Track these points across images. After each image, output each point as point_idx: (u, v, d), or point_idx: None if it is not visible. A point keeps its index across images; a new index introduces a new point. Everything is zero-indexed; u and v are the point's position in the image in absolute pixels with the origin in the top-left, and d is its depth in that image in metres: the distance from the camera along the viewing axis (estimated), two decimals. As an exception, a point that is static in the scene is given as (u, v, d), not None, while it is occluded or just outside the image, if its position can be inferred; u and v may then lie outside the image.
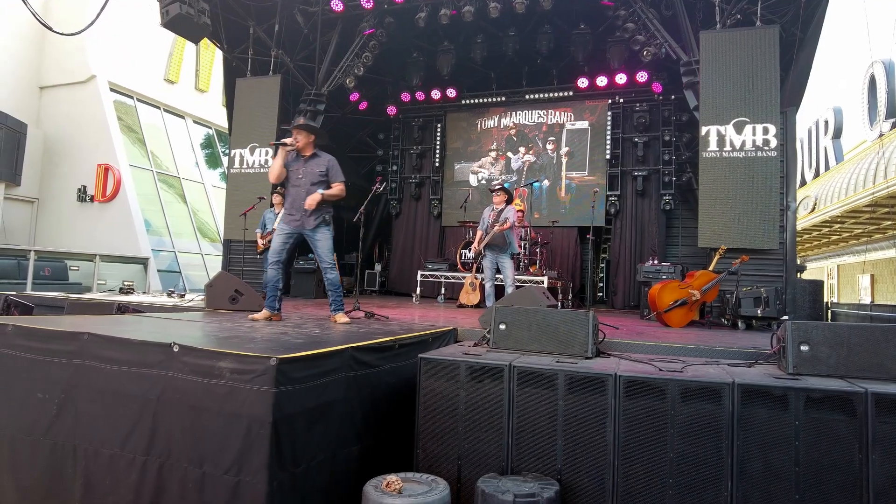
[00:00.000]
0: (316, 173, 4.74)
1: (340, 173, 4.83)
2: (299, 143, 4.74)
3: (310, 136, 4.78)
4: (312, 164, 4.78)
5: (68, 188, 13.51)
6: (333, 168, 4.81)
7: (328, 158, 4.84)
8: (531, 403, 3.17)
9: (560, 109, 10.81)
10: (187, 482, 2.65)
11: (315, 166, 4.77)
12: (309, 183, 4.73)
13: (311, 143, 4.79)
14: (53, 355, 3.09)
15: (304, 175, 4.76)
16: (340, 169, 4.86)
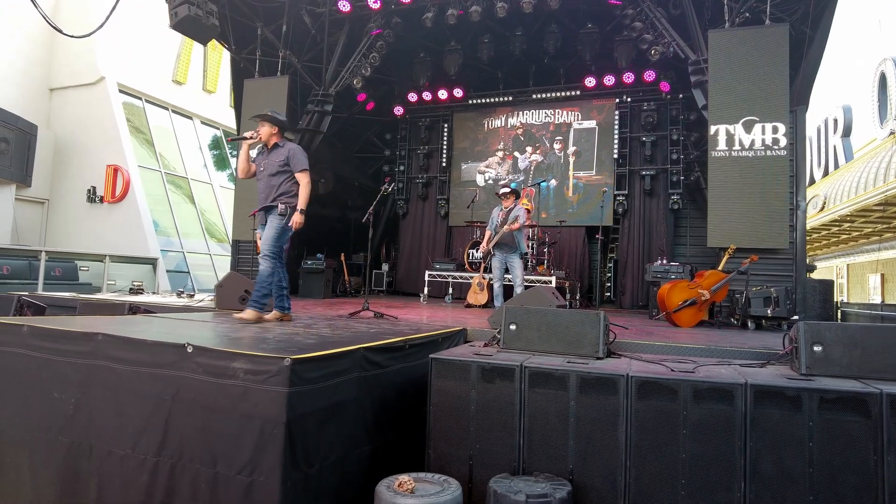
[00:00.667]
0: (275, 164, 4.56)
1: (302, 161, 4.58)
2: (261, 135, 4.60)
3: (273, 127, 4.61)
4: (273, 154, 4.62)
5: (78, 189, 13.61)
6: (294, 157, 4.58)
7: (290, 147, 4.64)
8: (542, 404, 3.17)
9: (567, 109, 10.79)
10: (199, 482, 2.67)
11: (275, 156, 4.60)
12: (268, 174, 4.58)
13: (274, 133, 4.63)
14: (68, 355, 3.12)
15: (265, 167, 4.63)
16: (305, 156, 4.63)
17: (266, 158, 4.63)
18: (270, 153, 4.63)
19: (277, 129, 4.64)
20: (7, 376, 3.31)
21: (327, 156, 10.38)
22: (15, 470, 3.19)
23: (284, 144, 4.65)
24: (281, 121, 4.66)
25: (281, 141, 4.67)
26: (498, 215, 6.84)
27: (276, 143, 4.64)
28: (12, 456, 3.21)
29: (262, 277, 4.50)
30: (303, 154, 4.62)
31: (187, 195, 15.27)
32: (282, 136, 4.70)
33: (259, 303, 4.46)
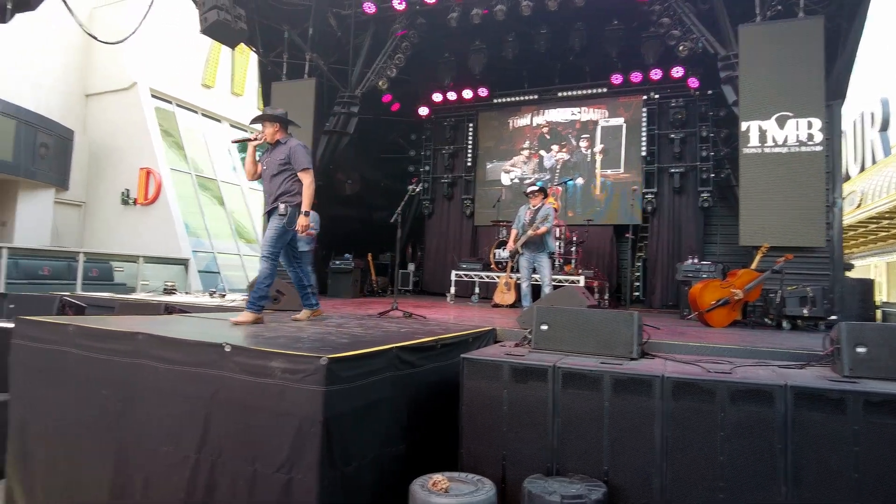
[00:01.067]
0: (276, 162, 4.44)
1: (305, 159, 4.43)
2: (266, 135, 4.49)
3: (273, 124, 4.49)
4: (275, 152, 4.49)
5: (112, 192, 13.99)
6: (295, 154, 4.42)
7: (291, 144, 4.48)
8: (576, 404, 3.15)
9: (594, 106, 10.69)
10: (238, 480, 2.72)
11: (276, 155, 4.47)
12: (270, 174, 4.47)
13: (277, 131, 4.50)
14: (112, 354, 3.21)
15: (267, 166, 4.51)
16: (307, 153, 4.49)
17: (269, 156, 4.52)
18: (273, 151, 4.52)
19: (279, 125, 4.52)
20: (57, 374, 3.42)
21: (353, 157, 10.46)
22: (67, 462, 3.30)
23: (287, 141, 4.51)
24: (279, 117, 4.53)
25: (283, 137, 4.53)
26: (525, 214, 6.81)
27: (279, 139, 4.51)
28: (65, 449, 3.32)
29: (260, 279, 4.39)
30: (304, 151, 4.47)
31: (217, 197, 15.56)
32: (285, 131, 4.57)
33: (256, 304, 4.33)
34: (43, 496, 3.37)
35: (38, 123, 12.34)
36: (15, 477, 3.51)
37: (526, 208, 6.88)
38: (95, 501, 3.12)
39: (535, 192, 6.84)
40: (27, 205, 12.77)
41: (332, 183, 10.05)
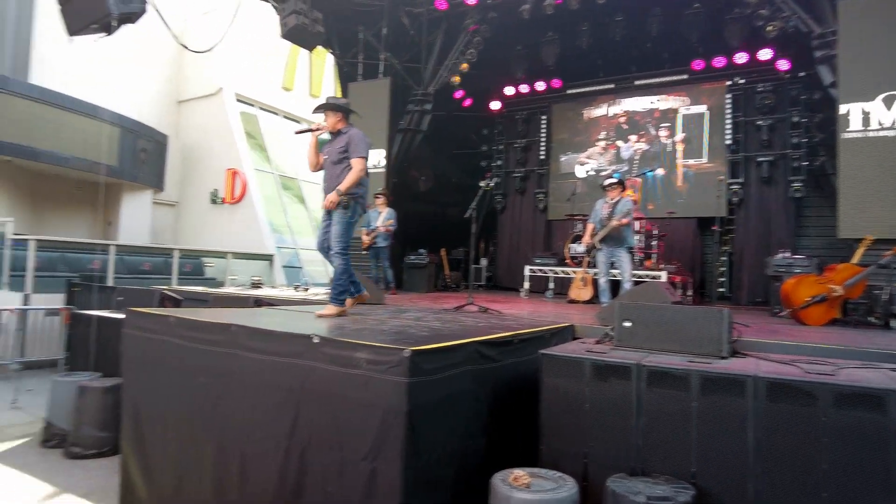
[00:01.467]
0: (336, 151, 4.43)
1: (362, 147, 4.38)
2: (327, 124, 4.48)
3: (336, 114, 4.47)
4: (336, 141, 4.47)
5: (202, 192, 14.92)
6: (353, 142, 4.39)
7: (350, 133, 4.46)
8: (661, 404, 3.06)
9: (674, 94, 10.25)
10: (328, 466, 2.84)
11: (337, 143, 4.46)
12: (331, 162, 4.46)
13: (339, 120, 4.48)
14: (208, 344, 3.44)
15: (328, 155, 4.51)
16: (364, 142, 4.43)
17: (330, 146, 4.51)
18: (333, 141, 4.51)
19: (340, 115, 4.49)
20: (161, 361, 3.71)
21: (426, 154, 10.58)
22: (176, 442, 3.57)
23: (347, 130, 4.49)
24: (342, 106, 4.52)
25: (345, 127, 4.51)
26: (602, 208, 6.64)
27: (340, 129, 4.49)
28: (174, 431, 3.59)
29: (338, 274, 4.43)
30: (363, 140, 4.43)
31: (297, 195, 16.25)
32: (346, 121, 4.54)
33: (338, 299, 4.42)
34: (157, 473, 3.66)
35: (138, 130, 13.33)
36: (131, 454, 3.83)
37: (603, 202, 6.71)
38: (200, 481, 3.36)
39: (612, 184, 6.65)
40: (130, 205, 13.86)
41: (406, 180, 10.23)
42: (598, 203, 6.81)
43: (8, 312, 8.43)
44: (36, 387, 7.41)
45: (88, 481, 4.70)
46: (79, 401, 5.36)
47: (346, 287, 4.50)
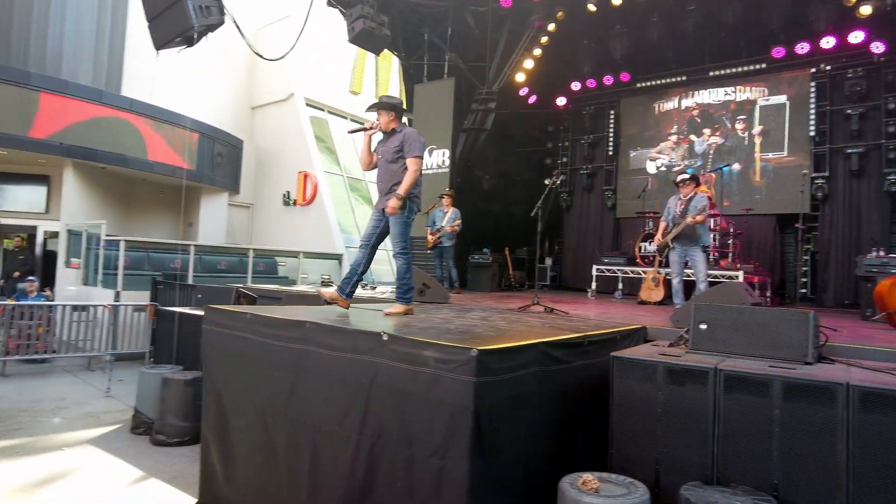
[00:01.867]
0: (391, 150, 4.39)
1: (416, 147, 4.32)
2: (380, 123, 4.45)
3: (389, 113, 4.44)
4: (390, 140, 4.44)
5: (275, 194, 15.56)
6: (408, 141, 4.33)
7: (405, 132, 4.41)
8: (740, 410, 2.91)
9: (751, 84, 9.73)
10: (397, 461, 2.88)
11: (391, 143, 4.42)
12: (386, 162, 4.43)
13: (392, 119, 4.45)
14: (283, 340, 3.57)
15: (382, 155, 4.48)
16: (419, 142, 4.37)
17: (384, 145, 4.50)
18: (387, 140, 4.48)
19: (394, 114, 4.47)
20: (239, 356, 3.89)
21: (491, 153, 10.56)
22: (247, 435, 3.75)
23: (402, 129, 4.46)
24: (395, 105, 4.49)
25: (399, 126, 4.49)
26: (675, 205, 6.39)
27: (394, 128, 4.46)
28: (245, 422, 3.77)
29: (401, 273, 4.46)
30: (418, 139, 4.39)
31: (365, 197, 16.63)
32: (399, 120, 4.52)
33: (404, 297, 4.47)
34: (235, 462, 3.85)
35: (215, 135, 14.06)
36: (211, 443, 4.04)
37: (676, 198, 6.46)
38: (275, 470, 3.51)
39: (686, 180, 6.39)
40: (208, 207, 14.65)
41: (470, 179, 10.24)
42: (670, 200, 6.57)
43: (102, 308, 9.11)
44: (126, 377, 7.97)
45: (172, 467, 5.01)
46: (163, 392, 5.71)
47: (412, 285, 4.53)
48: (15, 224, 12.89)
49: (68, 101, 11.13)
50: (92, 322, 9.08)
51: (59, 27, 12.97)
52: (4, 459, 4.99)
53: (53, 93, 10.97)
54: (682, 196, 6.37)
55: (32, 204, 12.95)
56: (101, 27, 13.67)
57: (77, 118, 11.25)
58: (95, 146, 11.50)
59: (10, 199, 12.98)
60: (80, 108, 11.31)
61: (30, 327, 8.61)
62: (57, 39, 12.93)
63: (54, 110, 10.94)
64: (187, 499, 4.33)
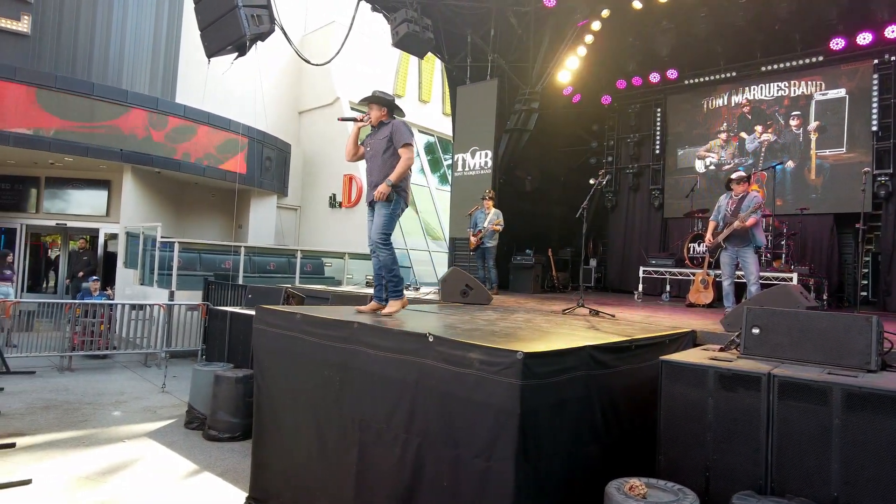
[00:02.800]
0: (380, 141, 4.32)
1: (406, 135, 4.25)
2: (371, 118, 4.40)
3: (381, 108, 4.38)
4: (378, 133, 4.38)
5: (322, 196, 15.89)
6: (397, 131, 4.27)
7: (393, 123, 4.34)
8: (796, 419, 2.81)
9: (806, 79, 9.34)
10: (443, 461, 2.91)
11: (380, 135, 4.36)
12: (375, 154, 4.37)
13: (384, 115, 4.40)
14: (331, 340, 3.66)
15: (371, 147, 4.41)
16: (408, 130, 4.30)
17: (372, 138, 4.45)
18: (377, 132, 4.43)
19: (386, 109, 4.41)
20: (289, 354, 4.01)
21: (533, 153, 10.50)
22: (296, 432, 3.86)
23: (390, 122, 4.39)
24: (388, 100, 4.44)
25: (387, 119, 4.42)
26: (727, 204, 6.20)
27: (383, 121, 4.42)
28: (295, 419, 3.88)
29: (388, 267, 4.33)
30: (406, 128, 4.32)
31: (408, 198, 16.79)
32: (390, 115, 4.45)
33: (395, 291, 4.35)
34: (285, 458, 3.96)
35: (264, 140, 14.47)
36: (264, 439, 4.17)
37: (727, 197, 6.26)
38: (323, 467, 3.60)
39: (739, 178, 6.20)
40: (257, 210, 15.09)
41: (512, 180, 10.22)
42: (721, 199, 6.38)
43: (157, 307, 9.51)
44: (179, 374, 8.31)
45: (223, 462, 5.19)
46: (214, 388, 5.92)
47: (401, 276, 4.41)
48: (79, 227, 13.63)
49: (127, 108, 11.67)
50: (148, 320, 9.51)
51: (120, 38, 13.63)
52: (73, 449, 5.29)
53: (114, 102, 11.53)
54: (734, 195, 6.18)
55: (94, 207, 13.66)
56: (158, 37, 14.29)
57: (135, 125, 11.79)
58: (151, 152, 12.02)
59: (75, 203, 13.73)
60: (138, 115, 11.85)
61: (93, 325, 9.09)
62: (118, 50, 13.60)
63: (115, 118, 11.50)
64: (238, 493, 4.48)
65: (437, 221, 16.96)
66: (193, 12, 8.02)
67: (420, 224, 16.41)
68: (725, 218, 6.12)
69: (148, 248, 11.42)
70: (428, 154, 18.24)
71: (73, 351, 8.78)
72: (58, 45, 12.72)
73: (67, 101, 11.08)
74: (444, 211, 15.75)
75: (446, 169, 17.69)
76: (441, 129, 18.10)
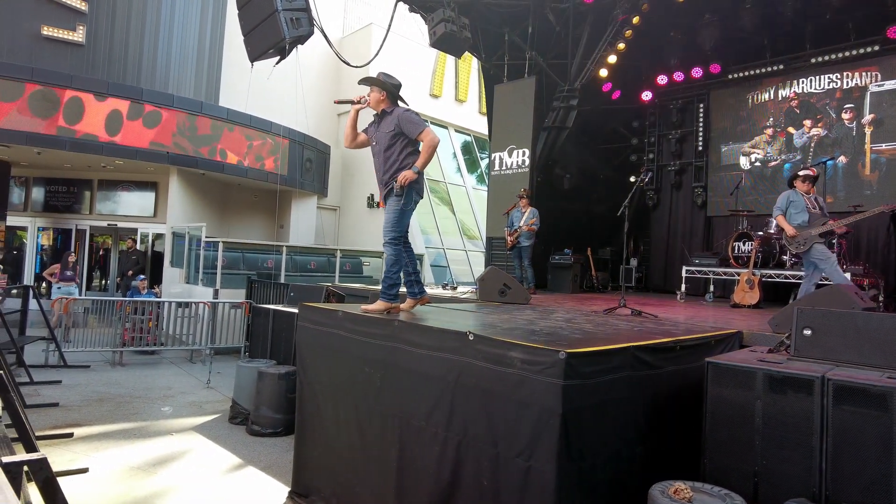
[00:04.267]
0: (385, 134, 4.02)
1: (416, 123, 3.95)
2: (370, 101, 4.08)
3: (381, 92, 4.07)
4: (383, 124, 4.06)
5: (360, 197, 16.09)
6: (404, 121, 3.96)
7: (398, 112, 4.02)
8: (853, 425, 2.69)
9: (860, 69, 8.93)
10: (483, 460, 2.91)
11: (385, 126, 4.04)
12: (382, 149, 4.05)
13: (383, 100, 4.08)
14: (372, 337, 3.70)
15: (377, 142, 4.11)
16: (416, 116, 4.02)
17: (377, 131, 4.13)
18: (380, 123, 4.11)
19: (385, 94, 4.08)
20: (331, 351, 4.08)
21: (572, 151, 10.37)
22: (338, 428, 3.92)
23: (393, 111, 4.07)
24: (390, 84, 4.09)
25: (389, 107, 4.10)
26: (805, 202, 6.01)
27: (384, 109, 4.10)
28: (337, 415, 3.95)
29: (388, 266, 4.10)
30: (414, 115, 4.03)
31: (444, 199, 16.86)
32: (391, 103, 4.13)
33: (388, 293, 4.07)
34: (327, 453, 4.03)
35: (304, 141, 14.74)
36: (306, 434, 4.25)
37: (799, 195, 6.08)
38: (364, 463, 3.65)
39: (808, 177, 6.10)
40: (298, 210, 15.38)
41: (550, 178, 10.12)
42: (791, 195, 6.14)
43: (202, 305, 9.80)
44: (224, 370, 8.54)
45: (267, 457, 5.31)
46: (258, 385, 6.06)
47: (397, 280, 4.13)
48: (128, 227, 14.17)
49: (173, 112, 12.06)
50: (194, 318, 9.80)
51: (167, 45, 14.11)
52: (125, 440, 5.50)
53: (161, 106, 11.93)
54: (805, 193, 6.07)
55: (143, 209, 14.18)
56: (202, 42, 14.74)
57: (181, 128, 12.17)
58: (196, 154, 12.40)
59: (125, 204, 14.28)
60: (184, 119, 12.23)
61: (141, 321, 9.43)
62: (164, 55, 14.09)
63: (161, 122, 11.90)
64: (281, 487, 4.58)
65: (473, 221, 16.95)
66: (236, 18, 8.24)
67: (457, 224, 16.44)
68: (813, 217, 5.92)
69: (193, 248, 11.78)
70: (465, 154, 18.24)
71: (123, 347, 9.13)
72: (109, 53, 13.26)
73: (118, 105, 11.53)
74: (480, 211, 15.75)
75: (483, 169, 17.67)
76: (478, 129, 18.09)
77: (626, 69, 10.09)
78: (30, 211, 14.11)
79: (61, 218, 14.19)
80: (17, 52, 11.98)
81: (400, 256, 4.08)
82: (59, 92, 10.94)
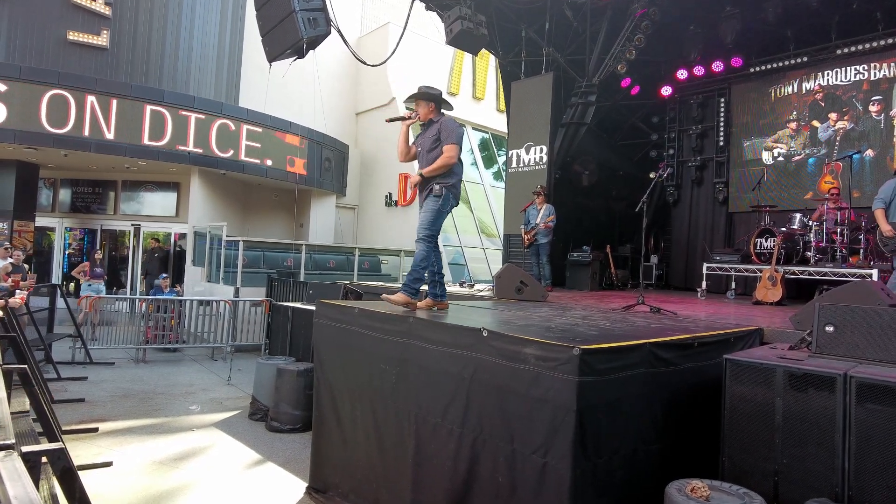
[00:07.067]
0: (429, 140, 4.26)
1: (452, 134, 4.17)
2: (420, 115, 4.34)
3: (429, 104, 4.31)
4: (428, 131, 4.32)
5: (378, 196, 16.17)
6: (445, 129, 4.20)
7: (442, 120, 4.27)
8: (877, 423, 2.63)
9: (888, 60, 8.70)
10: (498, 456, 2.91)
11: (430, 132, 4.29)
12: (425, 152, 4.30)
13: (431, 110, 4.32)
14: (388, 334, 3.72)
15: (421, 146, 4.36)
16: (456, 130, 4.21)
17: (423, 136, 4.39)
18: (426, 130, 4.37)
19: (433, 105, 4.34)
20: (348, 347, 4.11)
21: (591, 147, 10.29)
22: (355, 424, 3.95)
23: (439, 119, 4.32)
24: (434, 95, 4.33)
25: (436, 116, 4.35)
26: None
27: (432, 118, 4.34)
28: (354, 411, 3.98)
29: (416, 262, 4.22)
30: (455, 127, 4.25)
31: (462, 197, 16.82)
32: (438, 111, 4.37)
33: (410, 287, 4.21)
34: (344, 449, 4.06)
35: (323, 141, 14.85)
36: (324, 430, 4.29)
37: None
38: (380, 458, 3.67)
39: None
40: (317, 209, 15.51)
41: (568, 175, 10.05)
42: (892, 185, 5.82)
43: (223, 303, 9.93)
44: (244, 367, 8.65)
45: (286, 452, 5.37)
46: (277, 381, 6.13)
47: (422, 276, 4.27)
48: (151, 227, 14.43)
49: (194, 114, 12.24)
50: (215, 316, 9.95)
51: (188, 47, 14.33)
52: (149, 435, 5.61)
53: (182, 108, 12.11)
54: None
55: (165, 209, 14.42)
56: (222, 44, 14.93)
57: (202, 129, 12.34)
58: (217, 154, 12.56)
59: (148, 204, 14.54)
60: (205, 120, 12.40)
61: (164, 319, 9.60)
62: (185, 57, 14.30)
63: (183, 123, 12.08)
64: (299, 482, 4.63)
65: (490, 219, 16.92)
66: (255, 20, 8.32)
67: (474, 222, 16.42)
68: None
69: (214, 247, 11.95)
70: (482, 151, 18.21)
71: (146, 344, 9.30)
72: (132, 57, 13.50)
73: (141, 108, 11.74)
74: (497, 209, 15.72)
75: (501, 166, 17.63)
76: (495, 126, 18.05)
77: (645, 64, 9.97)
78: (57, 212, 14.45)
79: (87, 218, 14.51)
80: (44, 57, 12.27)
81: (430, 254, 4.23)
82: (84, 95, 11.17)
